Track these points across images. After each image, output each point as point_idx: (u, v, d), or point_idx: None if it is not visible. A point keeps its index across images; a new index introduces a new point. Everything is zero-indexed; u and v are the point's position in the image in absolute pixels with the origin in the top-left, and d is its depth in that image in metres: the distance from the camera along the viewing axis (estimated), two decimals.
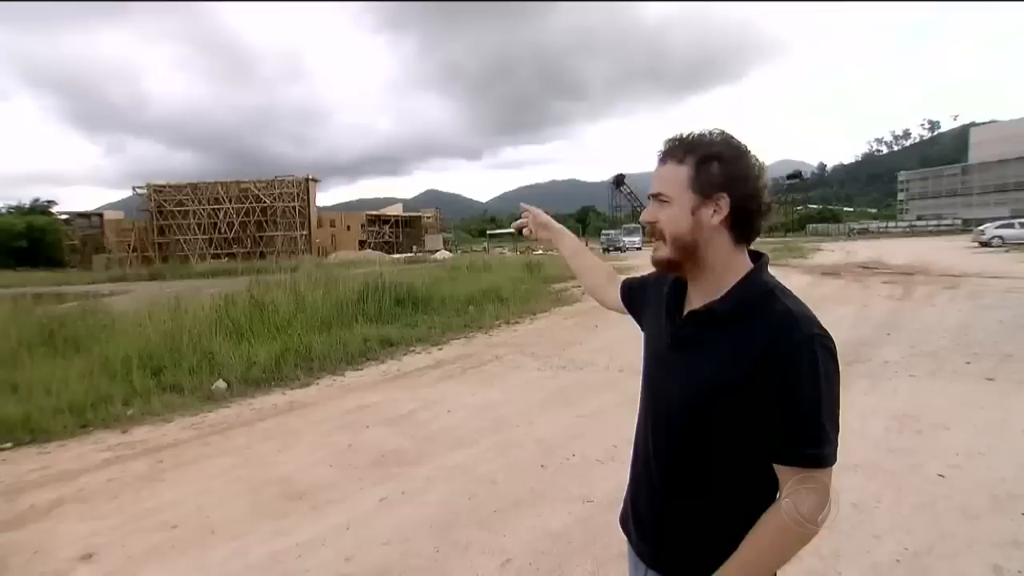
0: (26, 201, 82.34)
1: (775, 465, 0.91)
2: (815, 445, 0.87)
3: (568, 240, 1.48)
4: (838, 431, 0.89)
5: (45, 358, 6.46)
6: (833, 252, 25.72)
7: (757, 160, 0.96)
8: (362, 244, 60.06)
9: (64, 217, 64.34)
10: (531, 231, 1.48)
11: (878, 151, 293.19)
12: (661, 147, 1.01)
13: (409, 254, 43.25)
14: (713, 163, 0.94)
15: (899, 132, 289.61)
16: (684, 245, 0.97)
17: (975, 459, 3.27)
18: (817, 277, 14.11)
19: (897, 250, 24.66)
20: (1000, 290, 10.21)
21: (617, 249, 39.03)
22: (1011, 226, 26.14)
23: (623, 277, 1.37)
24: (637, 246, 43.45)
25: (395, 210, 75.41)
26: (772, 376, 0.87)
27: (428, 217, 75.43)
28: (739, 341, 0.91)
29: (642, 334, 1.20)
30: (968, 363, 5.38)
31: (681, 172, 0.96)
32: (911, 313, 8.32)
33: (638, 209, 73.68)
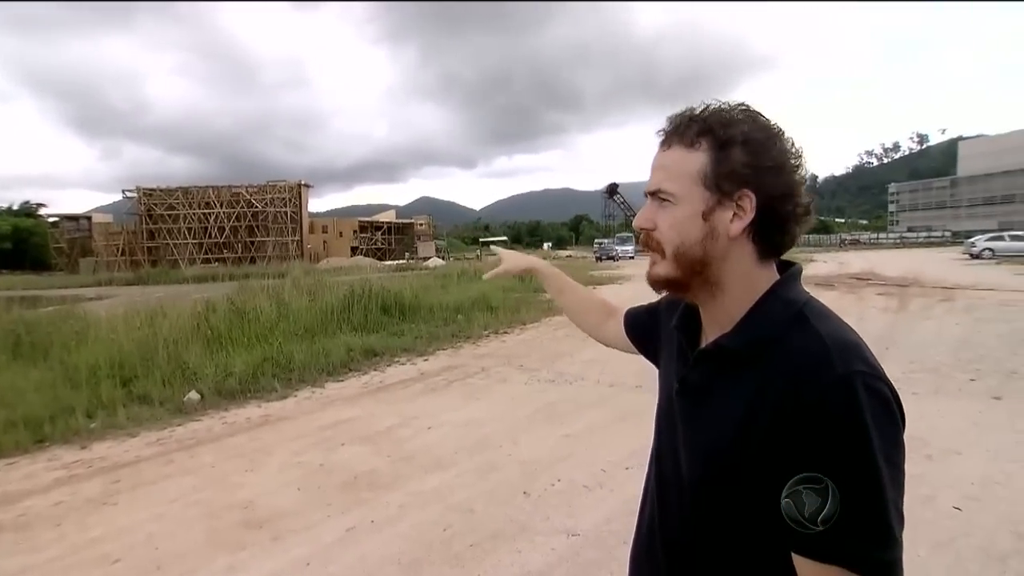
0: (16, 203, 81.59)
1: (799, 562, 0.62)
2: (875, 543, 0.59)
3: (551, 280, 1.29)
4: (903, 522, 0.61)
5: (6, 367, 6.15)
6: (826, 263, 25.66)
7: (793, 145, 0.70)
8: (354, 250, 59.63)
9: (52, 220, 63.50)
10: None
11: (868, 163, 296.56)
12: (665, 125, 0.74)
13: (401, 261, 42.97)
14: (736, 148, 0.68)
15: (889, 145, 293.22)
16: (690, 261, 0.71)
17: (993, 489, 3.03)
18: (811, 288, 13.80)
19: (889, 261, 24.64)
20: (995, 303, 10.08)
21: (610, 258, 39.05)
22: (1001, 239, 26.32)
23: (626, 308, 1.12)
24: (630, 255, 43.68)
25: (388, 217, 75.06)
26: (796, 436, 0.61)
27: (421, 224, 75.15)
28: (756, 388, 0.66)
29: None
30: (972, 380, 5.18)
31: (692, 160, 0.70)
32: (908, 326, 8.14)
33: (630, 218, 73.83)
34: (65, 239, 59.17)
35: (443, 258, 48.04)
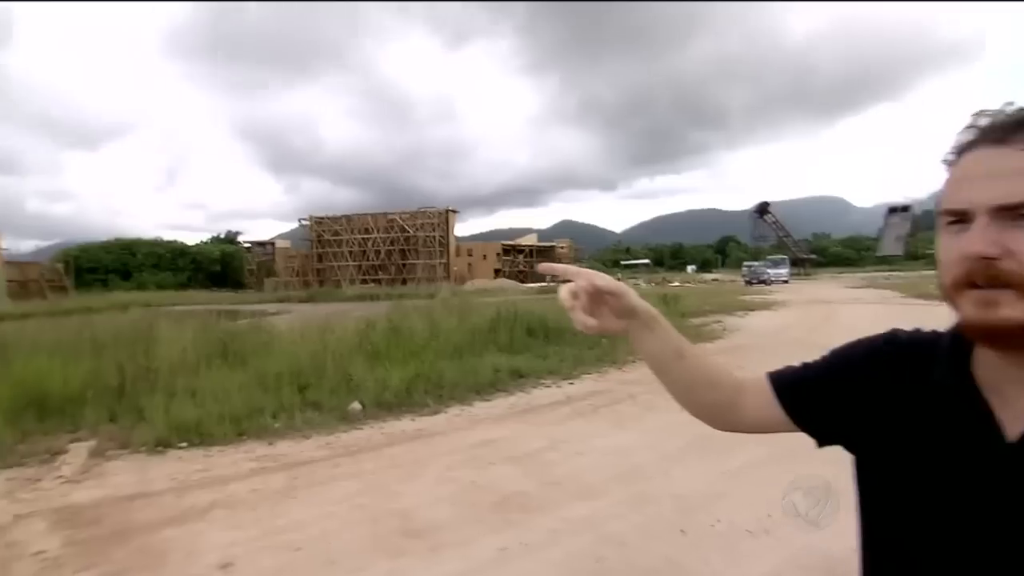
0: (223, 232, 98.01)
1: None
2: None
3: (661, 332, 0.79)
4: None
5: (218, 369, 7.25)
6: None
7: None
8: (497, 273, 62.14)
9: (246, 245, 75.14)
10: (592, 323, 0.75)
11: None
12: (1002, 118, 0.59)
13: (543, 283, 43.85)
14: None
15: None
16: None
17: None
18: None
19: None
20: None
21: (761, 282, 36.26)
22: None
23: (756, 374, 0.80)
24: (784, 279, 40.24)
25: (530, 240, 77.27)
26: None
27: (562, 247, 76.17)
28: None
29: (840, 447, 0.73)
30: None
31: None
32: None
33: (784, 239, 67.84)
34: (256, 262, 69.49)
35: None
